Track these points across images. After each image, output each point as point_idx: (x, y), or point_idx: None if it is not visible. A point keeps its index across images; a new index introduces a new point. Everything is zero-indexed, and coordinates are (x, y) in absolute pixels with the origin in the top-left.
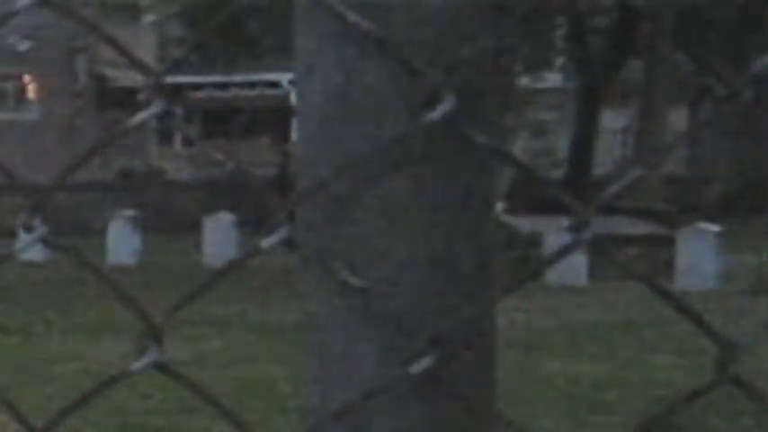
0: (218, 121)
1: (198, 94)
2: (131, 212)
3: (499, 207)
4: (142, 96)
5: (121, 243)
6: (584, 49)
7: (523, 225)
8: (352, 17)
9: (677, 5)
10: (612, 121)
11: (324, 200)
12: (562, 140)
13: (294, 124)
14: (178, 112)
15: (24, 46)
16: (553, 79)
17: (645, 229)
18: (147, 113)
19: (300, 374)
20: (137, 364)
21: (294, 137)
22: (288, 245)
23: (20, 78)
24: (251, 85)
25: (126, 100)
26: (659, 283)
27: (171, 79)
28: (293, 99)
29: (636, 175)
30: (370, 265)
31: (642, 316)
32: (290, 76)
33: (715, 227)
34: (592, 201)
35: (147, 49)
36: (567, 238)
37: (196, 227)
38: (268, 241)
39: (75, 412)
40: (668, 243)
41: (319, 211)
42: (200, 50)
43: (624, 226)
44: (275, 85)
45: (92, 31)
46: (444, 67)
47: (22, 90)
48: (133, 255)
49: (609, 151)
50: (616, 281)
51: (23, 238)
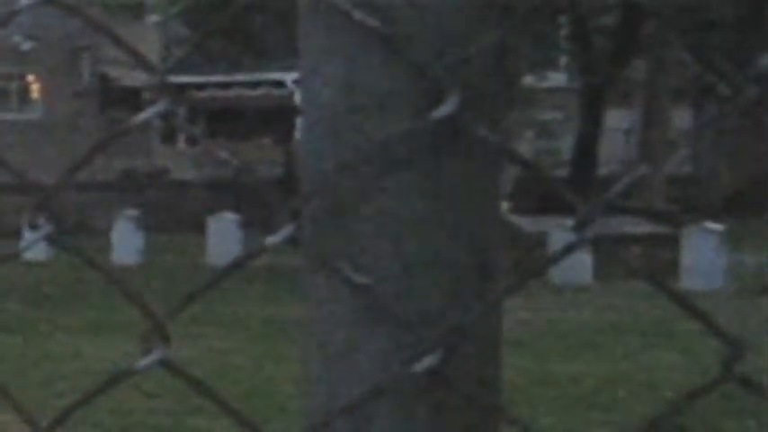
0: (221, 120)
1: (201, 93)
2: (135, 212)
3: (504, 207)
4: (147, 95)
5: (125, 243)
6: (587, 48)
7: (528, 225)
8: (357, 15)
9: (681, 4)
10: (617, 121)
11: (328, 198)
12: (566, 140)
13: (298, 123)
14: (182, 111)
15: (28, 45)
16: (557, 79)
17: (648, 228)
18: (150, 112)
19: (304, 374)
20: (143, 361)
21: (298, 136)
22: (292, 243)
23: (23, 78)
24: (255, 85)
25: (129, 99)
26: (664, 282)
27: (174, 79)
28: (297, 98)
29: (642, 173)
30: (375, 263)
31: (646, 315)
32: (295, 75)
33: (719, 226)
34: (596, 199)
35: (151, 49)
36: (571, 236)
37: (200, 227)
38: (272, 239)
39: (79, 411)
40: (672, 242)
41: (324, 209)
42: (204, 50)
43: (628, 225)
44: (280, 84)
45: (97, 30)
46: (449, 65)
47: (25, 89)
48: (136, 254)
49: (613, 151)
50: (621, 280)
51: (28, 236)
